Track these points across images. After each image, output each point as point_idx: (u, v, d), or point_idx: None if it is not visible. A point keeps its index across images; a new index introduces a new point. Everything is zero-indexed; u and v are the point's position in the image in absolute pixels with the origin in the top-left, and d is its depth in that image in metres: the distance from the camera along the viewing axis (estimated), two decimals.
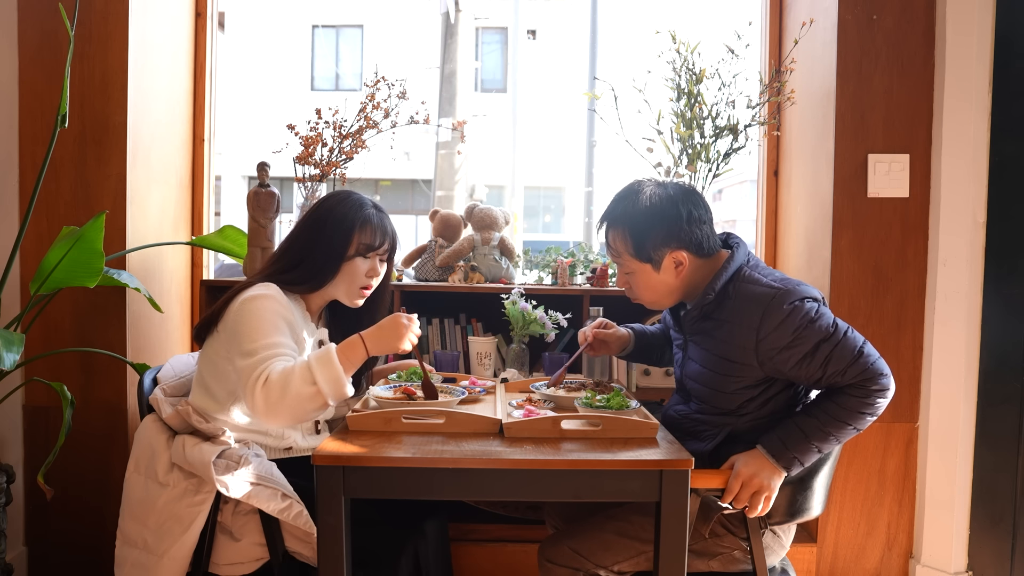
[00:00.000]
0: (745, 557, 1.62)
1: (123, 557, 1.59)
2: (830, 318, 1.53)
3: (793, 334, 1.50)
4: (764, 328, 1.52)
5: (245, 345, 1.49)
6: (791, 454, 1.51)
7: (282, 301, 1.59)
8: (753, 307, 1.54)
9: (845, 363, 1.49)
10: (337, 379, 1.43)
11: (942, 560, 2.30)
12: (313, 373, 1.42)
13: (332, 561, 1.34)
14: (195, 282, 2.67)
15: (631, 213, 1.62)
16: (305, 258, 1.67)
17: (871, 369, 1.49)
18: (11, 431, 2.23)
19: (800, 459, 1.51)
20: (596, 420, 1.50)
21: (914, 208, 2.32)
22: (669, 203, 1.61)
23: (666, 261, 1.61)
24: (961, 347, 2.27)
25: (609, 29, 9.72)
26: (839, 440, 1.53)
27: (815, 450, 1.51)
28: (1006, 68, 2.21)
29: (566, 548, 1.62)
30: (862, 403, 1.50)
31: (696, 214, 1.62)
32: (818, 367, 1.50)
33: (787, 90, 2.47)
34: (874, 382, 1.49)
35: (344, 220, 1.68)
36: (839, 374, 1.50)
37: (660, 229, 1.59)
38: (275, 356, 1.47)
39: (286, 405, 1.41)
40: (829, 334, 1.50)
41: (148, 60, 2.34)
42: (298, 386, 1.41)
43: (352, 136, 2.46)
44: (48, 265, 1.89)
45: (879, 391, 1.50)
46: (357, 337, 1.52)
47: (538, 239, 11.98)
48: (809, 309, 1.52)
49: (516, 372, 2.22)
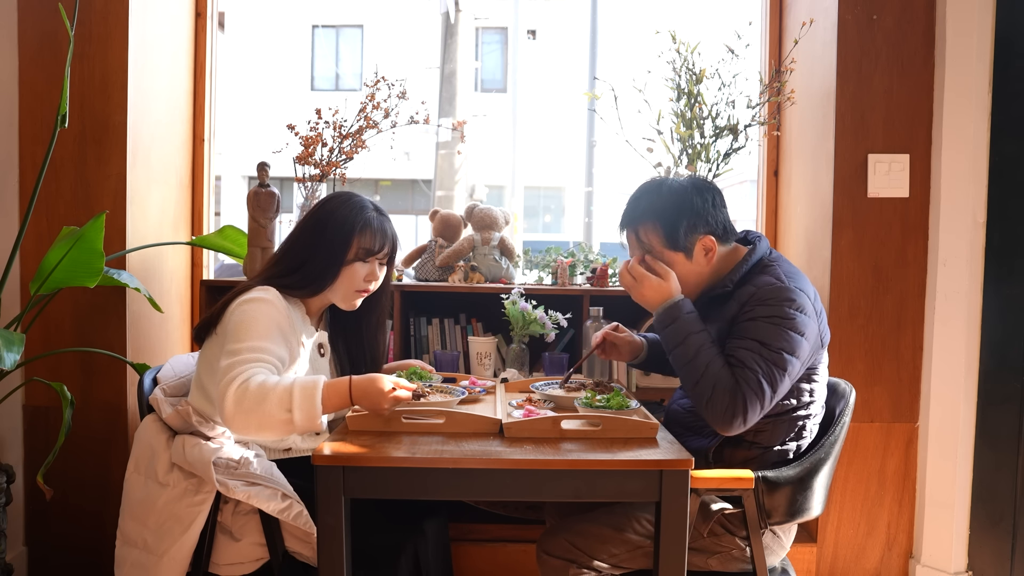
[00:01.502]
0: (744, 556, 1.62)
1: (123, 557, 1.59)
2: (789, 344, 1.51)
3: (762, 318, 1.52)
4: (750, 302, 1.56)
5: (231, 344, 1.49)
6: (663, 332, 1.60)
7: (279, 306, 1.58)
8: (752, 288, 1.58)
9: (744, 365, 1.50)
10: (313, 416, 1.40)
11: (942, 560, 2.30)
12: (292, 401, 1.39)
13: (332, 561, 1.34)
14: (195, 282, 2.67)
15: (657, 206, 1.65)
16: (305, 262, 1.66)
17: (749, 388, 1.48)
18: (11, 431, 2.23)
19: (666, 332, 1.59)
20: (596, 420, 1.50)
21: (914, 208, 2.32)
22: (692, 190, 1.66)
23: (697, 248, 1.64)
24: (961, 347, 2.27)
25: (609, 29, 9.73)
26: (681, 372, 1.57)
27: (669, 351, 1.59)
28: (1006, 68, 2.21)
29: (563, 541, 1.62)
30: (725, 392, 1.49)
31: (715, 199, 1.67)
32: (734, 344, 1.54)
33: (787, 90, 2.47)
34: (738, 398, 1.48)
35: (344, 223, 1.67)
36: (736, 362, 1.51)
37: (689, 216, 1.63)
38: (258, 361, 1.45)
39: (254, 419, 1.39)
40: (769, 344, 1.50)
41: (148, 60, 2.34)
42: (273, 407, 1.38)
43: (352, 136, 2.46)
44: (48, 265, 1.89)
45: (732, 407, 1.48)
46: (346, 383, 1.46)
47: (538, 239, 11.97)
48: (791, 317, 1.52)
49: (516, 372, 2.22)
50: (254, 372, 1.43)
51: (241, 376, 1.41)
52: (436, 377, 1.87)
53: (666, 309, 1.60)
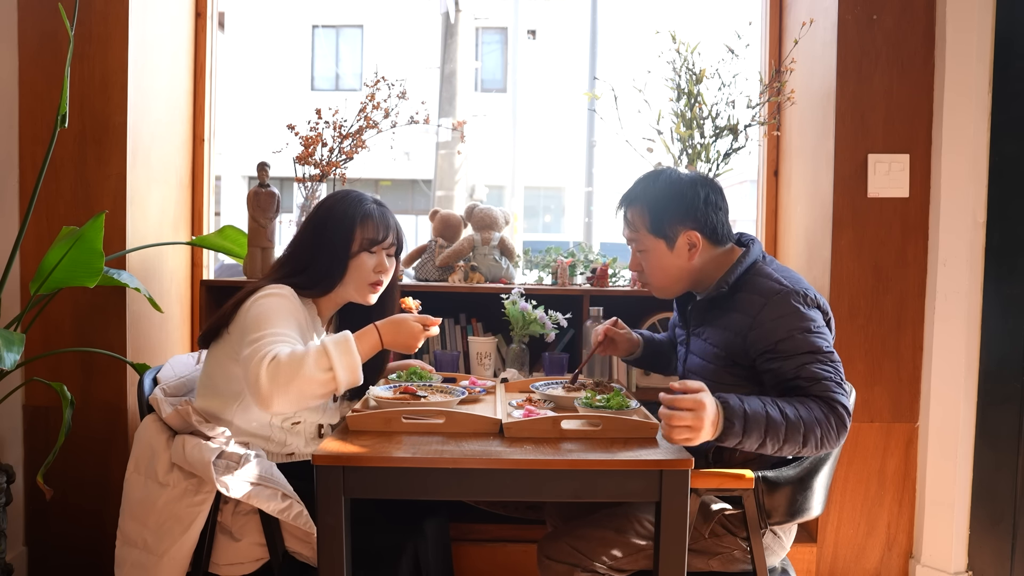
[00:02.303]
0: (745, 557, 1.62)
1: (123, 557, 1.59)
2: (828, 341, 1.52)
3: (787, 332, 1.51)
4: (762, 316, 1.54)
5: (250, 335, 1.48)
6: (738, 439, 1.41)
7: (295, 301, 1.60)
8: (758, 297, 1.56)
9: (818, 377, 1.47)
10: (354, 366, 1.44)
11: (942, 560, 2.30)
12: (331, 358, 1.41)
13: (332, 561, 1.34)
14: (195, 282, 2.67)
15: (651, 190, 1.68)
16: (311, 262, 1.67)
17: (839, 398, 1.46)
18: (11, 431, 2.23)
19: (741, 444, 1.42)
20: (596, 420, 1.50)
21: (914, 208, 2.32)
22: (688, 184, 1.67)
23: (680, 240, 1.64)
24: (961, 347, 2.27)
25: (609, 29, 9.73)
26: (782, 447, 1.43)
27: (757, 445, 1.43)
28: (1006, 68, 2.21)
29: (565, 545, 1.62)
30: (824, 420, 1.44)
31: (713, 199, 1.66)
32: (792, 369, 1.49)
33: (787, 90, 2.47)
34: (837, 407, 1.45)
35: (344, 218, 1.68)
36: (809, 381, 1.48)
37: (678, 206, 1.64)
38: (281, 341, 1.46)
39: (295, 387, 1.38)
40: (820, 350, 1.49)
41: (148, 60, 2.34)
42: (311, 370, 1.39)
43: (352, 136, 2.46)
44: (48, 265, 1.89)
45: (839, 420, 1.45)
46: (373, 328, 1.54)
47: (538, 239, 11.97)
48: (813, 318, 1.53)
49: (516, 372, 2.22)
50: (280, 348, 1.43)
51: (269, 353, 1.41)
52: (436, 377, 1.87)
53: (726, 423, 1.40)
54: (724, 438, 1.40)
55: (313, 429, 1.74)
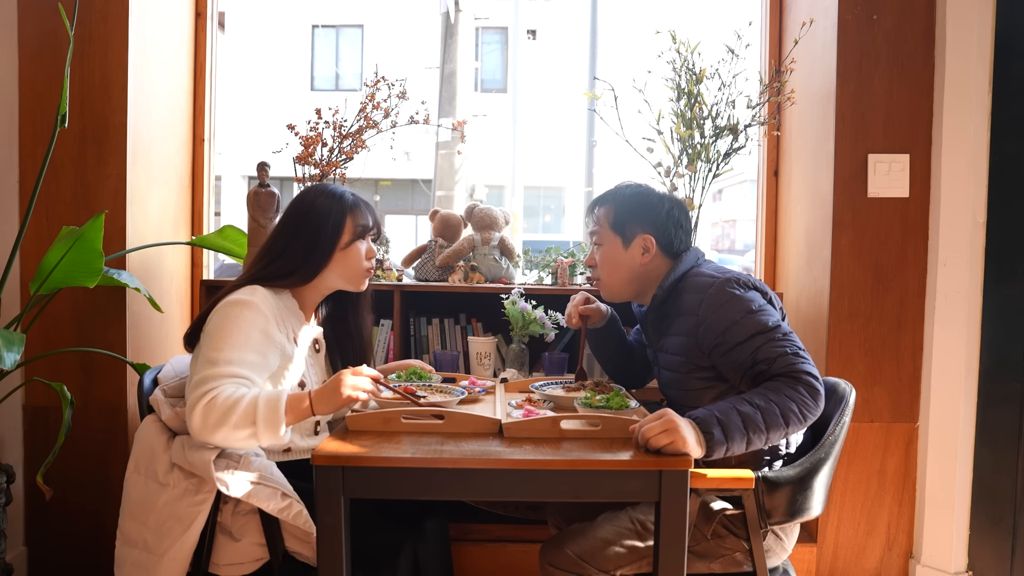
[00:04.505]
0: (747, 559, 1.62)
1: (123, 557, 1.59)
2: (774, 317, 1.57)
3: (730, 319, 1.56)
4: (704, 310, 1.60)
5: (207, 351, 1.50)
6: (724, 445, 1.43)
7: (263, 308, 1.57)
8: (696, 295, 1.64)
9: (775, 355, 1.51)
10: (275, 429, 1.44)
11: (942, 560, 2.30)
12: (256, 416, 1.43)
13: (332, 561, 1.34)
14: (195, 282, 2.67)
15: (621, 193, 1.80)
16: (286, 250, 1.67)
17: (800, 367, 1.49)
18: (11, 431, 2.23)
19: (729, 449, 1.44)
20: (596, 420, 1.50)
21: (914, 208, 2.32)
22: (657, 197, 1.78)
23: (636, 241, 1.73)
24: (961, 347, 2.27)
25: (609, 29, 9.72)
26: (769, 436, 1.45)
27: (744, 443, 1.44)
28: (1006, 68, 2.21)
29: (567, 552, 1.62)
30: (795, 394, 1.47)
31: (676, 215, 1.76)
32: (748, 354, 1.53)
33: (787, 90, 2.47)
34: (802, 376, 1.48)
35: (331, 211, 1.69)
36: (767, 362, 1.52)
37: (641, 211, 1.75)
38: (231, 377, 1.47)
39: (220, 434, 1.43)
40: (767, 327, 1.54)
41: (148, 60, 2.34)
42: (237, 421, 1.42)
43: (352, 136, 2.46)
44: (48, 265, 1.89)
45: (809, 388, 1.48)
46: (306, 395, 1.49)
47: (538, 239, 11.98)
48: (752, 299, 1.59)
49: (516, 372, 2.22)
50: (222, 389, 1.45)
51: (209, 393, 1.44)
52: (436, 377, 1.87)
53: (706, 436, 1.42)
54: (712, 451, 1.43)
55: (309, 425, 1.74)
